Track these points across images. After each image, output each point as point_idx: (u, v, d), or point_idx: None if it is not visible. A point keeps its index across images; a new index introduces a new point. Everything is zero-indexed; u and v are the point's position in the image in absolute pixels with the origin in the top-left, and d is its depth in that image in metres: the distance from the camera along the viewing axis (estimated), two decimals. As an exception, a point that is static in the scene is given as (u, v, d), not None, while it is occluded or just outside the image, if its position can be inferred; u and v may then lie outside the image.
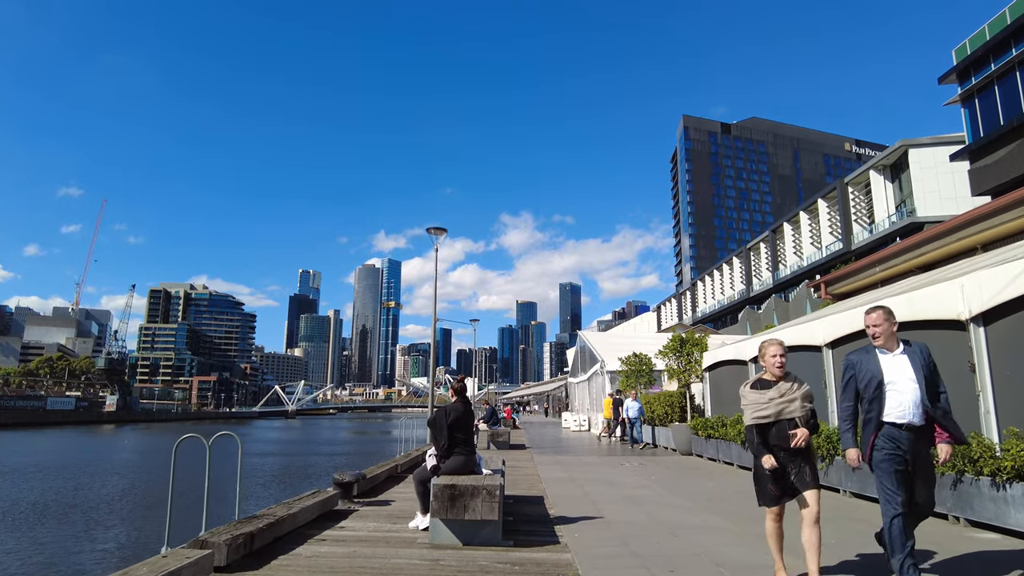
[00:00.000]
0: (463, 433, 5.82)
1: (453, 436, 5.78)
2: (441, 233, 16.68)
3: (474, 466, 5.82)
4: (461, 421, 5.81)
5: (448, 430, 5.69)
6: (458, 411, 5.84)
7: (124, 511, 19.29)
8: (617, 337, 36.66)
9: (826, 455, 8.23)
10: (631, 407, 17.25)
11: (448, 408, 5.87)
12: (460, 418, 5.80)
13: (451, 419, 5.74)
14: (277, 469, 31.94)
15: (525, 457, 14.35)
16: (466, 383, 6.26)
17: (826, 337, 8.98)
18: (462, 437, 5.81)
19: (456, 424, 5.77)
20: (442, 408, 5.87)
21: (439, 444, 5.74)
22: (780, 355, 4.48)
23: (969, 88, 40.84)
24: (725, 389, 13.82)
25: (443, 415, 5.77)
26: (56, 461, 36.21)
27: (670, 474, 10.90)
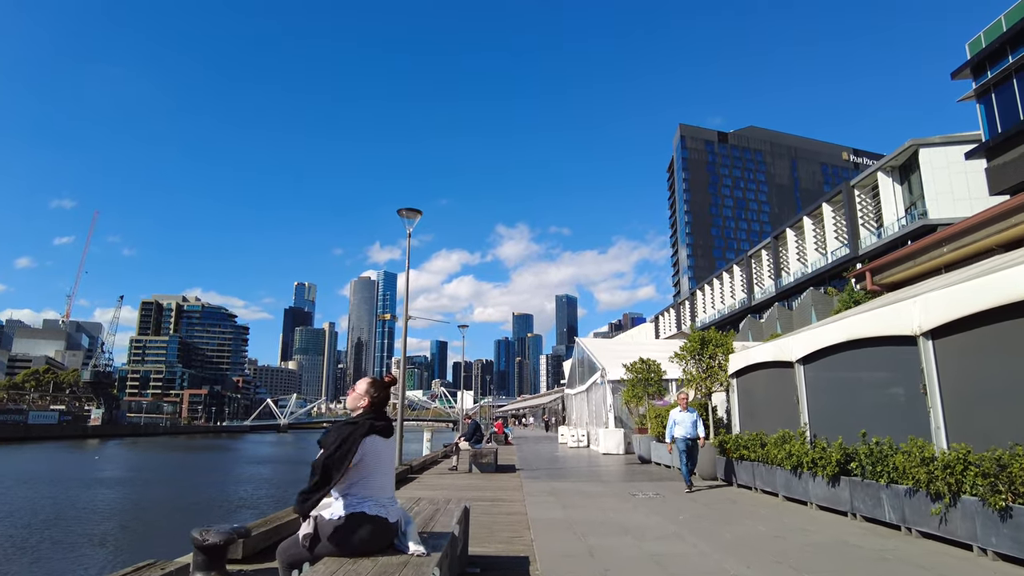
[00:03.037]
0: (374, 476, 3.23)
1: (353, 480, 3.20)
2: (414, 216, 14.16)
3: (388, 535, 3.22)
4: (366, 455, 3.22)
5: (336, 467, 3.08)
6: (354, 431, 3.25)
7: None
8: (619, 344, 34.04)
9: (945, 491, 5.62)
10: (681, 421, 10.82)
11: (345, 426, 3.28)
12: (363, 451, 3.21)
13: (346, 448, 3.13)
14: (223, 495, 29.08)
15: (512, 484, 11.68)
16: (388, 381, 3.62)
17: (923, 325, 6.42)
18: (372, 482, 3.22)
19: (357, 461, 3.19)
20: (338, 425, 3.27)
21: (316, 490, 3.10)
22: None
23: (985, 83, 38.69)
24: (759, 399, 11.24)
25: (337, 438, 3.17)
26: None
27: (702, 511, 8.25)
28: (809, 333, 9.21)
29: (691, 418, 10.77)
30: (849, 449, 7.41)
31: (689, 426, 10.69)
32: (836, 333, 8.26)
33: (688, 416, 10.81)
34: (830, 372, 8.67)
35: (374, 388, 3.45)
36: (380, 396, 3.46)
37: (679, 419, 10.84)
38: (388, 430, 3.37)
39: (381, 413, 3.41)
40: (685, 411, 10.88)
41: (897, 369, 7.09)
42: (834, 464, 7.45)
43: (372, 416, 3.34)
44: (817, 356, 8.84)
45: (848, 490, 7.26)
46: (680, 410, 10.92)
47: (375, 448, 3.24)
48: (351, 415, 3.44)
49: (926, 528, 5.93)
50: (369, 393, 3.42)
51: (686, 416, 10.82)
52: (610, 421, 21.58)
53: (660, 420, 15.35)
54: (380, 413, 3.41)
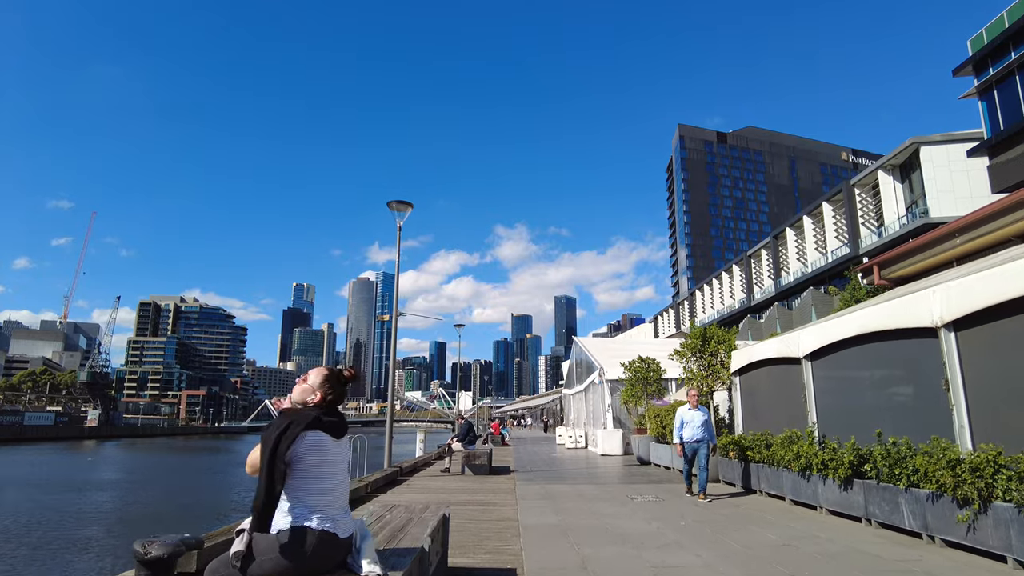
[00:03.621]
0: (321, 482, 2.72)
1: (295, 485, 2.69)
2: (405, 208, 13.66)
3: (337, 553, 2.72)
4: (309, 453, 2.71)
5: (274, 472, 2.57)
6: (293, 423, 2.69)
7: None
8: (617, 343, 33.54)
9: (974, 497, 5.11)
10: (690, 421, 9.68)
11: (283, 416, 2.77)
12: (305, 447, 2.70)
13: (284, 446, 2.62)
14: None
15: (506, 487, 11.17)
16: (342, 375, 3.08)
17: (944, 316, 5.93)
18: (319, 489, 2.71)
19: (298, 460, 2.67)
20: (276, 421, 2.74)
21: (261, 500, 2.58)
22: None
23: (987, 79, 38.26)
24: (763, 397, 10.74)
25: (276, 435, 2.65)
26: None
27: (704, 517, 7.74)
28: (818, 327, 8.71)
29: (701, 417, 9.64)
30: (863, 450, 6.91)
31: (699, 427, 9.59)
32: (847, 327, 7.76)
33: (698, 415, 9.66)
34: (840, 368, 8.18)
35: (329, 383, 2.93)
36: (336, 393, 2.95)
37: (688, 418, 9.67)
38: (339, 428, 2.85)
39: (333, 410, 2.92)
40: (695, 410, 9.70)
41: (915, 364, 6.59)
42: (846, 466, 6.95)
43: (321, 411, 2.84)
44: (826, 352, 8.35)
45: (862, 494, 6.76)
46: (689, 408, 9.74)
47: (321, 448, 2.71)
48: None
49: (951, 536, 5.43)
50: (323, 388, 2.91)
51: (696, 415, 9.65)
52: (608, 422, 21.09)
53: (659, 420, 14.85)
54: (332, 409, 2.91)
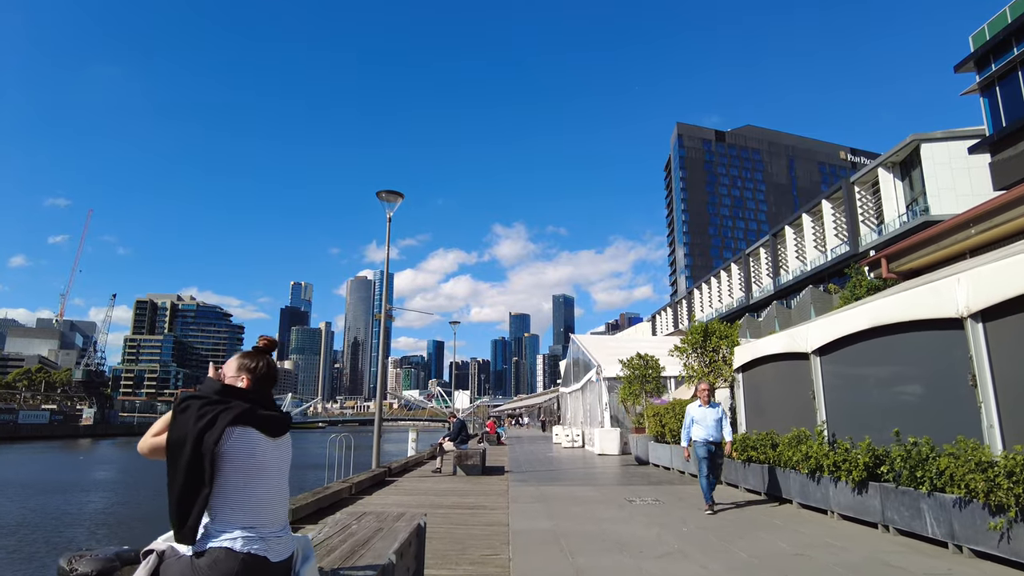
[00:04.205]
0: (251, 492, 2.19)
1: (217, 496, 2.16)
2: (395, 198, 13.14)
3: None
4: (237, 455, 2.18)
5: (200, 471, 2.06)
6: (218, 415, 2.14)
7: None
8: (615, 340, 33.05)
9: (1010, 503, 4.62)
10: (701, 419, 8.53)
11: (206, 406, 2.16)
12: (233, 448, 2.17)
13: (210, 442, 2.10)
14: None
15: (498, 488, 10.66)
16: (263, 352, 2.49)
17: (971, 305, 5.45)
18: (247, 501, 2.18)
19: (223, 463, 2.15)
20: (194, 406, 2.14)
21: (181, 507, 2.07)
22: None
23: (989, 76, 37.87)
24: (768, 395, 10.25)
25: (201, 427, 2.08)
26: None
27: (707, 522, 7.25)
28: (827, 320, 8.23)
29: (714, 415, 8.48)
30: (879, 451, 6.43)
31: (712, 425, 8.40)
32: (860, 319, 7.28)
33: (711, 413, 8.49)
34: (852, 364, 7.70)
35: (250, 360, 2.40)
36: (262, 371, 2.39)
37: (699, 416, 8.49)
38: (277, 424, 2.31)
39: (266, 398, 2.38)
40: (707, 406, 8.56)
41: (935, 359, 6.11)
42: (861, 468, 6.47)
43: (252, 400, 2.29)
44: (837, 346, 7.86)
45: (879, 498, 6.27)
46: (700, 405, 8.59)
47: (251, 447, 2.18)
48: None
49: (982, 547, 4.94)
50: (245, 368, 2.37)
51: (708, 413, 8.48)
52: (606, 420, 20.61)
53: (659, 419, 14.37)
54: (265, 398, 2.38)
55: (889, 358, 6.99)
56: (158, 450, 2.19)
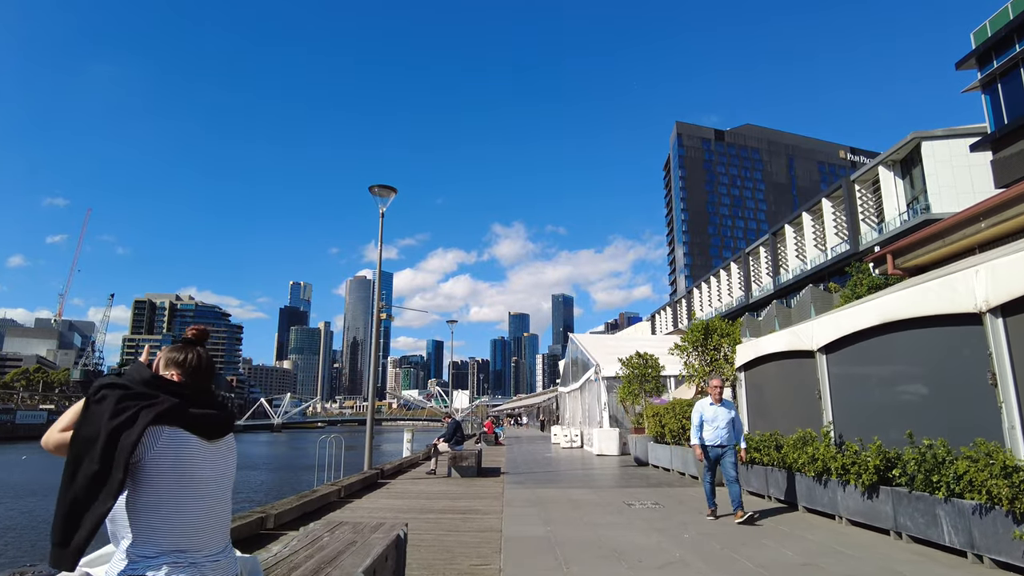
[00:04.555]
0: (181, 508, 1.84)
1: (139, 511, 1.79)
2: (388, 193, 12.81)
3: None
4: (166, 462, 1.83)
5: (106, 477, 1.69)
6: (137, 412, 1.75)
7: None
8: (614, 339, 32.73)
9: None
10: (712, 419, 7.75)
11: (125, 400, 1.76)
12: (161, 453, 1.81)
13: (128, 444, 1.71)
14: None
15: (493, 491, 10.34)
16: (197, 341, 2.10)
17: (991, 299, 5.13)
18: (177, 519, 1.82)
19: (147, 471, 1.78)
20: (110, 397, 1.75)
21: (71, 516, 1.70)
22: None
23: (991, 72, 37.61)
24: (771, 394, 9.94)
25: (117, 423, 1.69)
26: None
27: (710, 528, 6.93)
28: (833, 317, 7.91)
29: (727, 415, 7.70)
30: (890, 453, 6.11)
31: (723, 427, 7.65)
32: (868, 315, 6.96)
33: (722, 412, 7.70)
34: (860, 362, 7.38)
35: (178, 353, 2.03)
36: (193, 364, 2.02)
37: (709, 415, 7.73)
38: (215, 425, 1.93)
39: (204, 394, 1.99)
40: (718, 405, 7.75)
41: (950, 356, 5.79)
42: (872, 471, 6.14)
43: (186, 396, 1.91)
44: (844, 343, 7.54)
45: (891, 504, 5.95)
46: (711, 403, 7.79)
47: (182, 453, 1.81)
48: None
49: (1005, 556, 4.61)
50: (173, 362, 2.00)
51: (720, 412, 7.70)
52: (604, 420, 20.29)
53: (658, 419, 14.05)
54: (202, 394, 1.98)
55: (900, 356, 6.67)
56: (64, 447, 1.78)
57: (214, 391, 2.07)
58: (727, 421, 7.68)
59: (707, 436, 7.69)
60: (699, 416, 7.84)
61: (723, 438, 7.62)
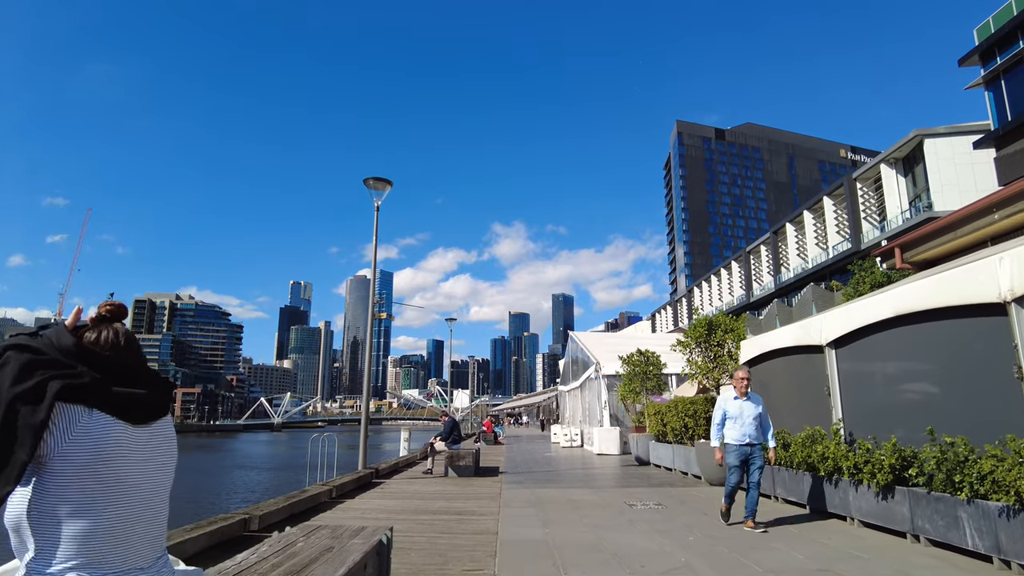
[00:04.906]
0: (98, 512, 1.51)
1: (45, 512, 1.46)
2: (383, 186, 12.50)
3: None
4: (80, 450, 1.48)
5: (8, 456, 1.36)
6: (37, 385, 1.40)
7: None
8: (614, 337, 32.43)
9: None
10: (737, 415, 6.84)
11: (38, 376, 1.40)
12: (75, 439, 1.47)
13: (32, 424, 1.39)
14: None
15: (490, 491, 10.03)
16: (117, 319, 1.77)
17: (1016, 288, 4.83)
18: (94, 525, 1.50)
19: (57, 461, 1.45)
20: (13, 362, 1.39)
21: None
22: None
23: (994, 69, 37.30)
24: (777, 391, 9.63)
25: (18, 391, 1.35)
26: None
27: (715, 530, 6.63)
28: (844, 310, 7.60)
29: (754, 410, 6.77)
30: (906, 451, 5.80)
31: (750, 423, 6.71)
32: (880, 308, 6.66)
33: (749, 407, 6.77)
34: (872, 357, 7.08)
35: (91, 332, 1.66)
36: (110, 342, 1.65)
37: (734, 410, 6.80)
38: (145, 405, 1.58)
39: (132, 371, 1.62)
40: (744, 399, 6.83)
41: (971, 349, 5.48)
42: (887, 471, 5.84)
43: (111, 371, 1.56)
44: (855, 337, 7.24)
45: (907, 504, 5.64)
46: (735, 397, 6.87)
47: (101, 442, 1.46)
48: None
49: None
50: (88, 343, 1.63)
51: (746, 407, 6.77)
52: (605, 419, 19.99)
53: (660, 418, 13.74)
54: (129, 371, 1.62)
55: (915, 350, 6.37)
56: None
57: (148, 368, 1.72)
58: (754, 417, 6.77)
59: (731, 434, 6.79)
60: (721, 412, 6.90)
61: (751, 435, 6.73)
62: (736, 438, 6.76)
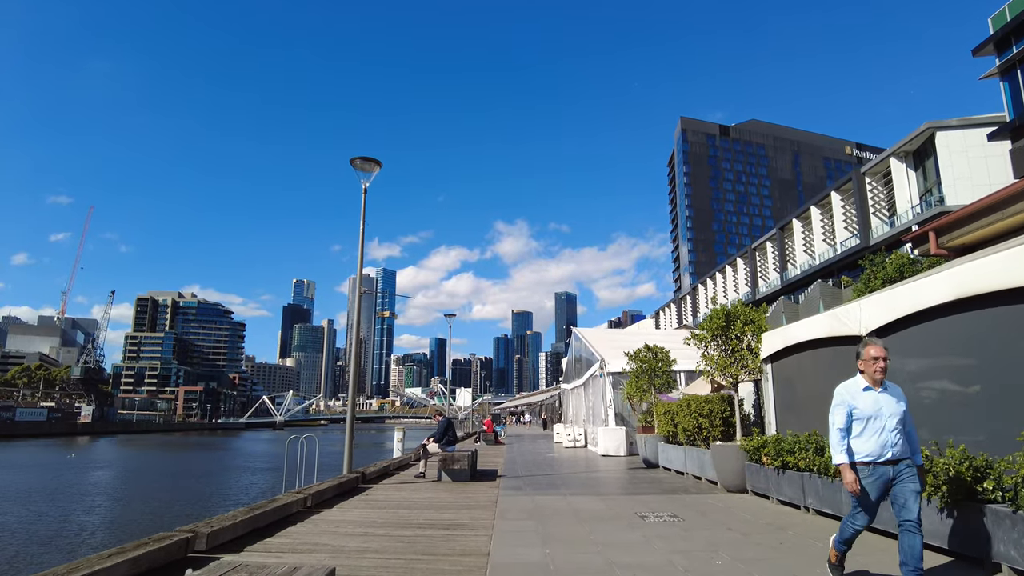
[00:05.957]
0: None
1: None
2: (372, 167, 11.58)
3: None
4: None
5: None
6: None
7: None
8: (619, 333, 31.44)
9: None
10: (875, 413, 4.21)
11: None
12: None
13: None
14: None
15: (485, 499, 9.08)
16: None
17: None
18: None
19: None
20: None
21: None
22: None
23: (1010, 58, 36.26)
24: (805, 389, 8.67)
25: None
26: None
27: (744, 548, 5.67)
28: (888, 294, 6.63)
29: (896, 408, 4.26)
30: (977, 460, 4.84)
31: (895, 428, 4.20)
32: (938, 289, 5.69)
33: (890, 403, 4.24)
34: (924, 348, 6.12)
35: None
36: None
37: (867, 408, 4.24)
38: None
39: None
40: (879, 390, 4.29)
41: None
42: (957, 484, 4.86)
43: None
44: (901, 326, 6.29)
45: (984, 525, 4.66)
46: (866, 387, 4.32)
47: None
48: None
49: None
50: None
51: (885, 403, 4.24)
52: (610, 418, 19.04)
53: (670, 417, 12.80)
54: None
55: (981, 339, 5.41)
56: None
57: None
58: (898, 418, 4.22)
59: (861, 446, 4.23)
60: (846, 411, 4.30)
61: (896, 449, 4.17)
62: (869, 452, 4.19)
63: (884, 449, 4.15)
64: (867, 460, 4.19)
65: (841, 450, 4.27)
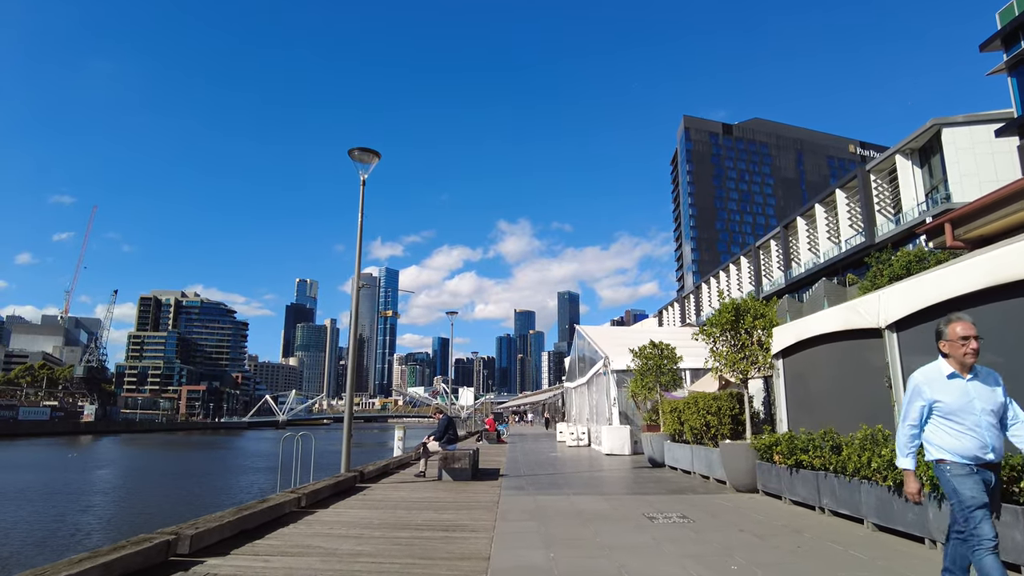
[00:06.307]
0: None
1: None
2: (370, 158, 11.27)
3: None
4: None
5: None
6: None
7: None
8: (623, 331, 31.10)
9: None
10: (965, 406, 3.33)
11: None
12: None
13: None
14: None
15: (486, 499, 8.77)
16: None
17: None
18: None
19: None
20: None
21: None
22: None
23: (1018, 53, 35.92)
24: (818, 384, 8.34)
25: None
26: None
27: (761, 552, 5.33)
28: (911, 284, 6.30)
29: (991, 397, 3.37)
30: (1014, 459, 4.51)
31: (990, 423, 3.33)
32: (971, 276, 5.35)
33: (982, 392, 3.36)
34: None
35: None
36: None
37: (956, 400, 3.37)
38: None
39: None
40: (968, 377, 3.41)
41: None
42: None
43: None
44: (925, 317, 5.95)
45: (1021, 530, 4.34)
46: (951, 373, 3.44)
47: None
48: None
49: None
50: None
51: (976, 392, 3.37)
52: (614, 417, 18.72)
53: (676, 415, 12.47)
54: None
55: (1017, 329, 5.08)
56: None
57: None
58: (993, 410, 3.37)
59: (952, 443, 3.38)
60: (923, 403, 3.49)
61: (995, 447, 3.34)
62: (965, 450, 3.33)
63: (983, 449, 3.30)
64: (960, 460, 3.32)
65: (908, 452, 3.52)
